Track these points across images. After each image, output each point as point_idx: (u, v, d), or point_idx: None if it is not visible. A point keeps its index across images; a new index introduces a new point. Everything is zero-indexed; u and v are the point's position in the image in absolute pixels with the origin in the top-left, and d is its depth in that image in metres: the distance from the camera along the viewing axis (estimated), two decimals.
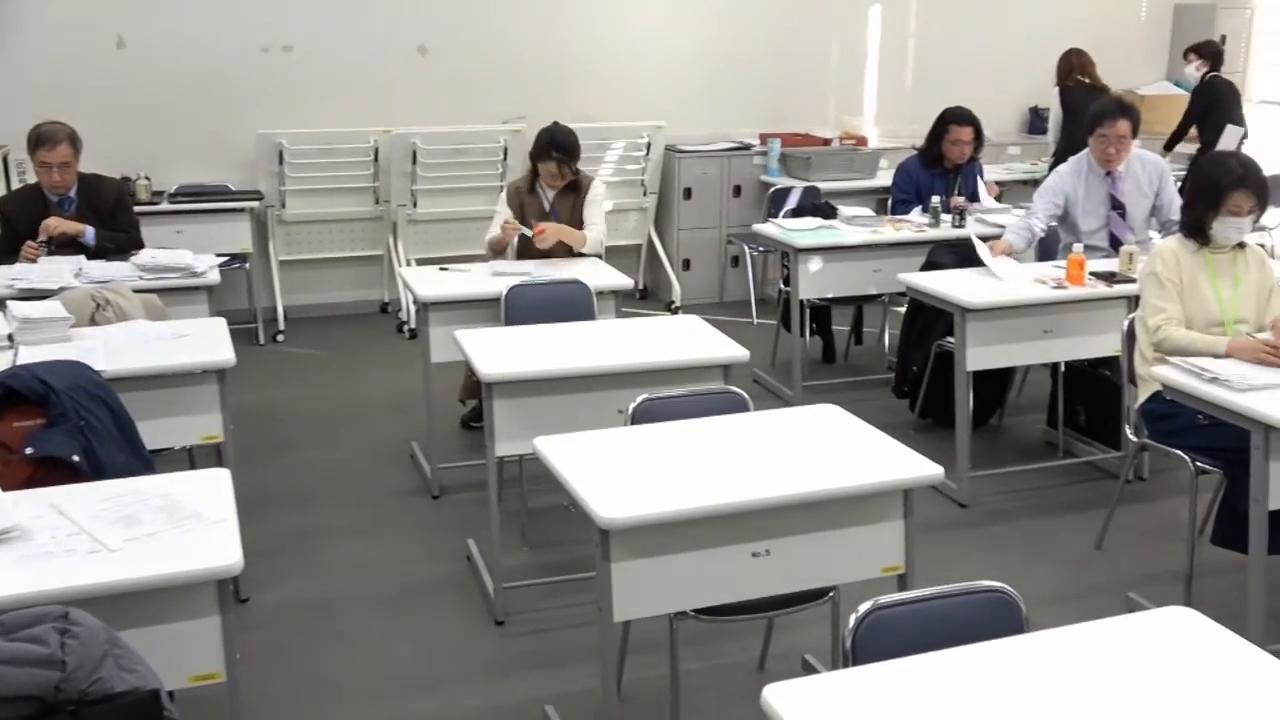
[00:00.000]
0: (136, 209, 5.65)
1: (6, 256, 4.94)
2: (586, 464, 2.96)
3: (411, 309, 6.92)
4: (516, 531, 4.44)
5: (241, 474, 3.58)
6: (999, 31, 8.70)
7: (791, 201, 6.97)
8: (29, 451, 2.95)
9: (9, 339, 3.85)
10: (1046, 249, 5.49)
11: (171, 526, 2.57)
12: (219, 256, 5.22)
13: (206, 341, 3.99)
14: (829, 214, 6.30)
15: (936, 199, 5.87)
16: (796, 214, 6.54)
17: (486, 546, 4.16)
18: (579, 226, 5.40)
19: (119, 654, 2.06)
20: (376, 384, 6.27)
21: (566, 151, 5.25)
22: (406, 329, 7.12)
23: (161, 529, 2.55)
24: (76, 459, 3.00)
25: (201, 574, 2.44)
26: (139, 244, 5.21)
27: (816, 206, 6.59)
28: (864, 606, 2.23)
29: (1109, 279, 4.82)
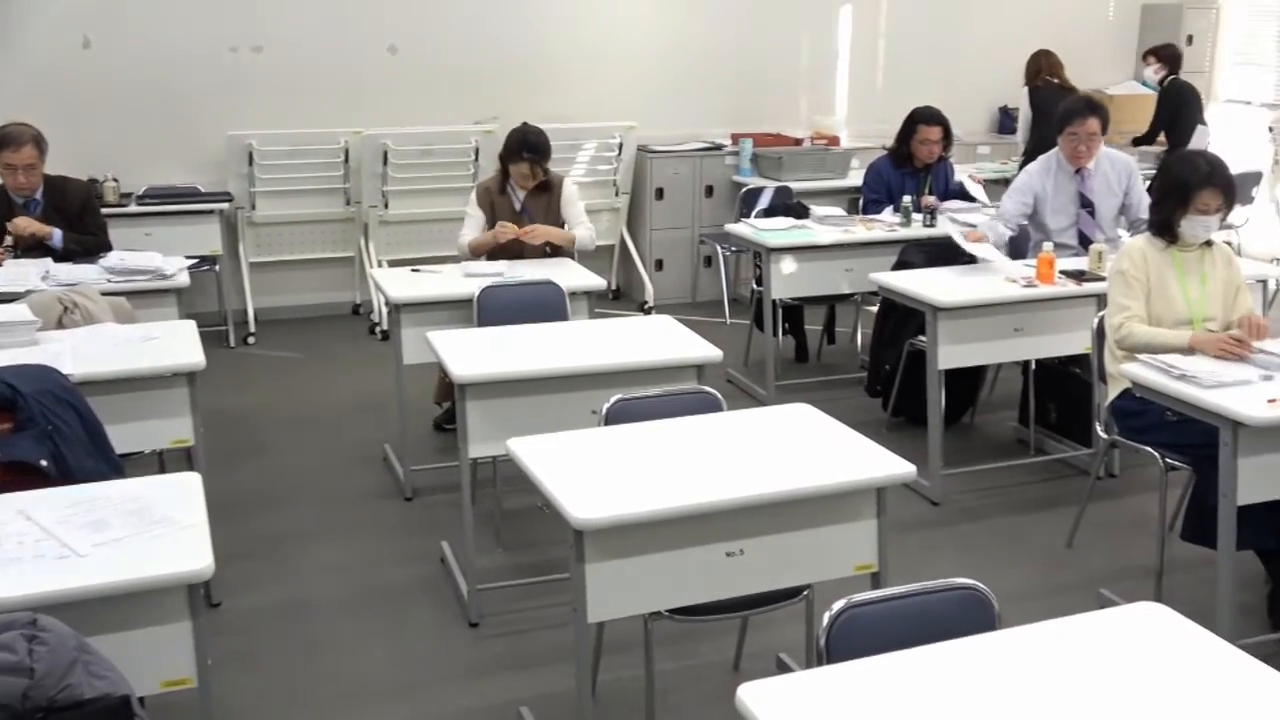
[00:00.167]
0: (104, 211, 5.61)
1: None
2: (560, 465, 2.96)
3: (383, 310, 6.90)
4: (490, 533, 4.43)
5: (212, 478, 3.55)
6: (969, 32, 8.74)
7: (763, 201, 6.98)
8: None
9: None
10: (1017, 248, 5.52)
11: (141, 531, 2.55)
12: (188, 258, 5.18)
13: (176, 344, 3.96)
14: (801, 214, 6.31)
15: (908, 198, 5.90)
16: (769, 214, 6.56)
17: (460, 548, 4.15)
18: (557, 225, 5.41)
19: (88, 660, 2.04)
20: (348, 386, 6.24)
21: (538, 152, 5.24)
22: (378, 331, 7.09)
23: (131, 534, 2.53)
24: (44, 464, 2.97)
25: (172, 579, 2.42)
26: (107, 246, 5.16)
27: (788, 206, 6.60)
28: (837, 605, 2.24)
29: (1079, 277, 4.85)
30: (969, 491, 4.93)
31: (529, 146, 5.23)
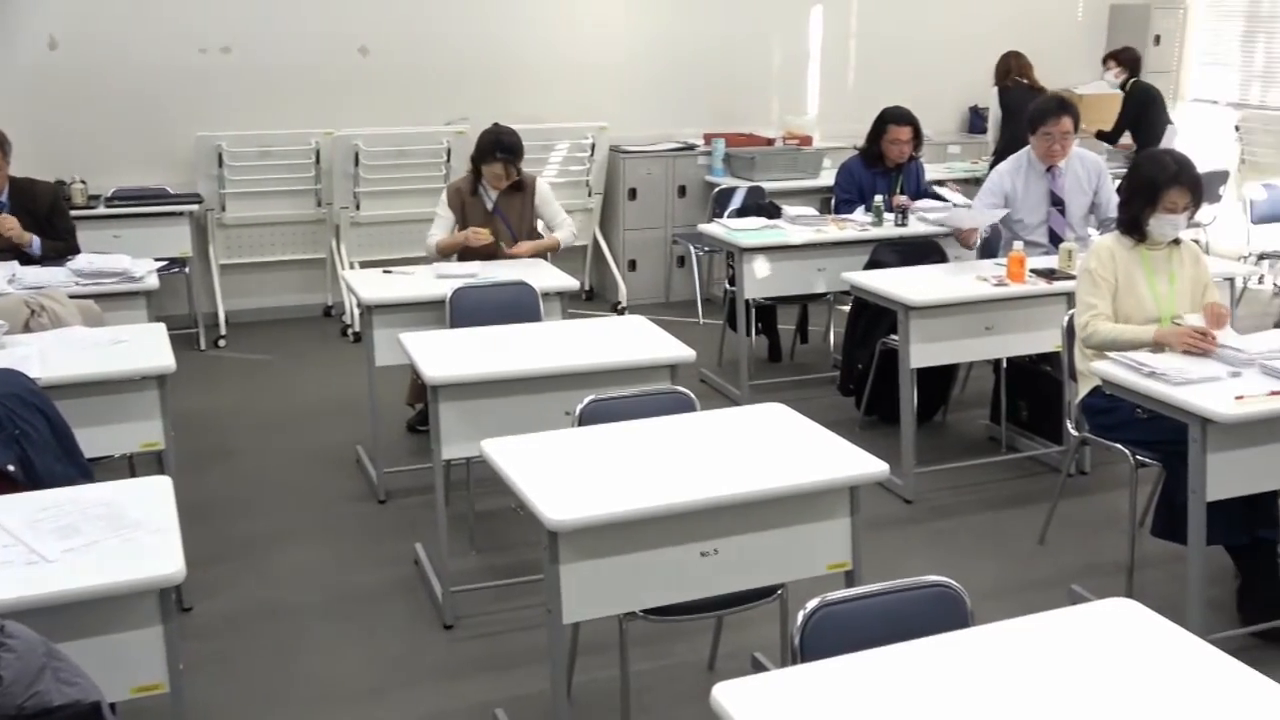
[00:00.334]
0: (72, 213, 5.55)
1: None
2: (534, 466, 2.96)
3: (355, 312, 6.87)
4: (464, 535, 4.42)
5: (183, 481, 3.52)
6: (939, 32, 8.79)
7: (736, 201, 7.00)
8: None
9: None
10: (989, 246, 5.55)
11: (111, 535, 2.53)
12: (158, 261, 5.15)
13: (145, 347, 3.93)
14: (773, 214, 6.33)
15: (879, 198, 5.92)
16: (741, 214, 6.57)
17: (434, 550, 4.14)
18: (527, 226, 5.42)
19: (58, 667, 2.02)
20: (320, 388, 6.21)
21: (511, 152, 5.23)
22: (350, 332, 7.06)
23: (101, 538, 2.51)
24: (12, 469, 2.94)
25: (143, 583, 2.41)
26: (76, 249, 5.12)
27: (761, 206, 6.62)
28: (811, 604, 2.24)
29: (1049, 276, 4.88)
30: (942, 489, 4.95)
31: (502, 147, 5.22)
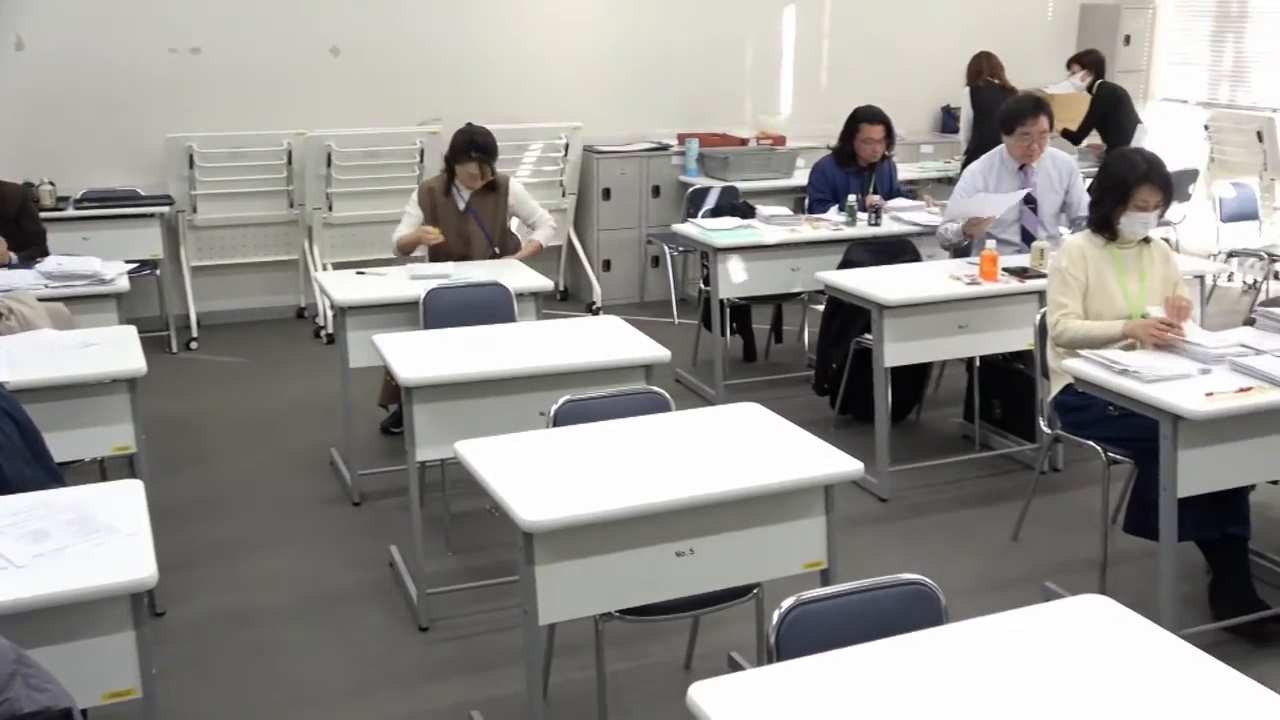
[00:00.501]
0: (41, 215, 5.50)
1: None
2: (509, 467, 2.95)
3: (328, 314, 6.83)
4: (439, 537, 4.40)
5: (156, 485, 3.50)
6: (911, 33, 8.82)
7: (710, 201, 7.01)
8: None
9: None
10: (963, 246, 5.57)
11: (82, 540, 2.50)
12: (128, 263, 5.11)
13: (116, 350, 3.90)
14: (747, 213, 6.34)
15: (852, 198, 5.94)
16: (715, 214, 6.58)
17: (409, 552, 4.12)
18: (501, 226, 5.41)
19: (28, 673, 2.00)
20: (294, 390, 6.18)
21: (486, 151, 5.22)
22: (323, 334, 7.02)
23: (72, 543, 2.49)
24: None
25: (114, 588, 2.39)
26: (45, 252, 5.07)
27: (735, 206, 6.63)
28: (787, 602, 2.25)
29: (1021, 274, 4.91)
30: (916, 487, 4.97)
31: (477, 146, 5.21)
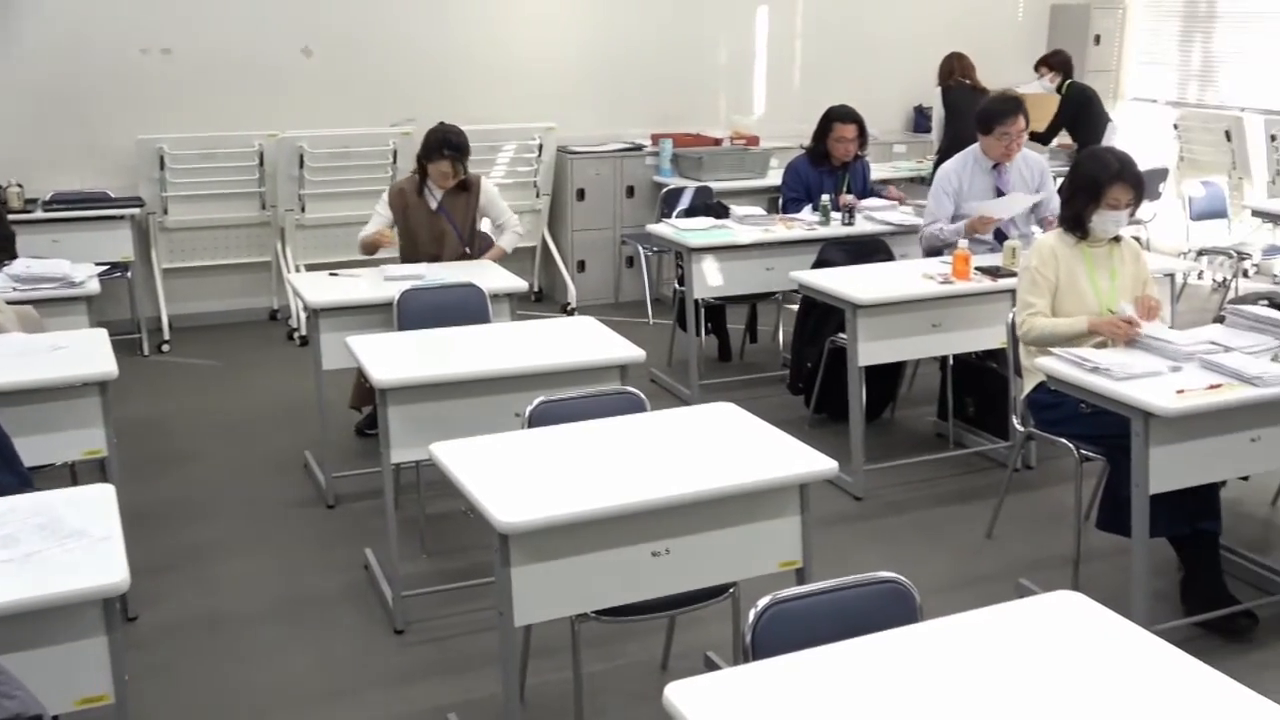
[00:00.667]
0: (9, 218, 5.45)
1: None
2: (484, 468, 2.94)
3: (301, 316, 6.80)
4: (414, 539, 4.39)
5: (128, 489, 3.49)
6: (883, 33, 8.86)
7: (684, 202, 7.01)
8: None
9: None
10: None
11: (53, 545, 2.48)
12: (98, 265, 5.07)
13: (86, 353, 3.87)
14: (721, 214, 6.35)
15: (826, 197, 5.96)
16: (689, 214, 6.58)
17: (384, 555, 4.10)
18: (473, 226, 5.39)
19: None
20: (267, 393, 6.15)
21: (458, 150, 5.21)
22: (297, 336, 6.99)
23: (42, 548, 2.47)
24: None
25: (86, 593, 2.37)
26: (13, 254, 5.03)
27: (709, 206, 6.64)
28: (762, 602, 2.25)
29: (994, 273, 4.94)
30: (891, 486, 4.99)
31: (449, 144, 5.20)
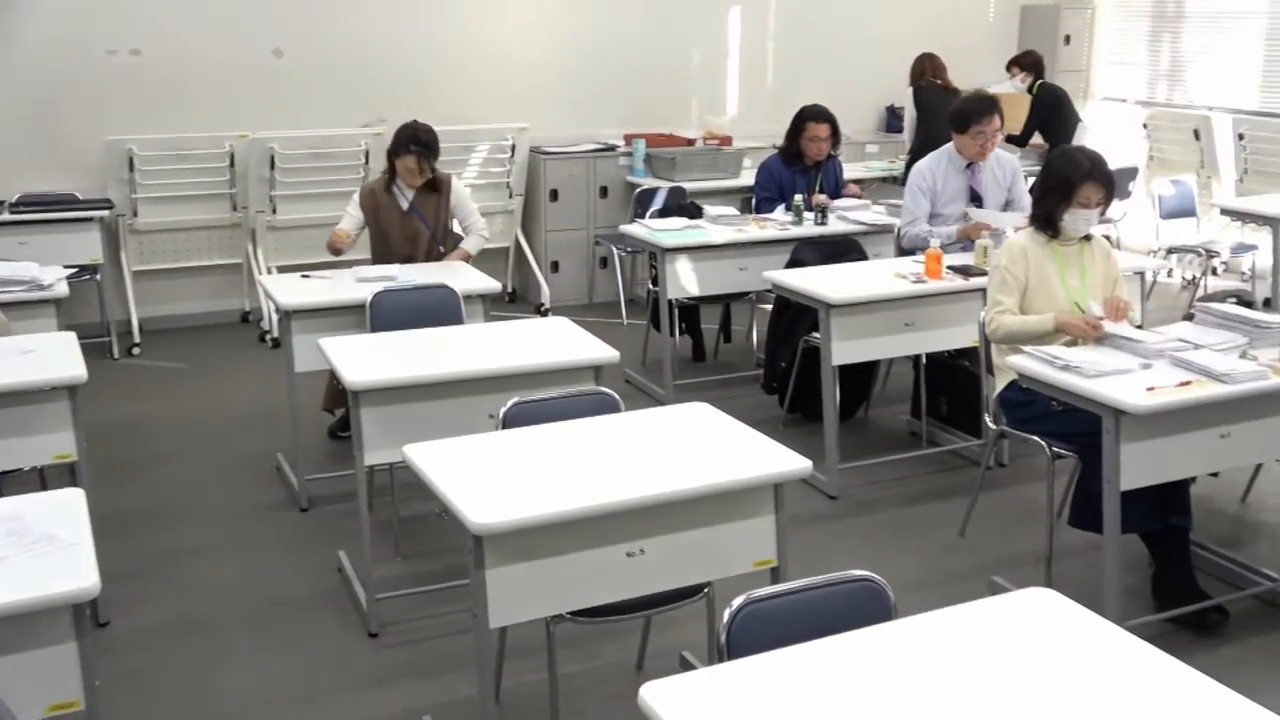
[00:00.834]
0: None
1: None
2: (458, 470, 2.93)
3: (273, 318, 6.77)
4: (388, 541, 4.37)
5: (98, 493, 3.45)
6: (855, 33, 8.89)
7: (658, 202, 7.01)
8: None
9: None
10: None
11: (22, 551, 2.46)
12: (67, 268, 5.02)
13: (55, 357, 3.83)
14: (695, 214, 6.35)
15: (799, 197, 5.97)
16: (663, 214, 6.59)
17: (358, 558, 4.09)
18: (445, 226, 5.38)
19: None
20: (239, 396, 6.11)
21: (425, 145, 5.19)
22: (269, 338, 6.95)
23: (11, 554, 2.45)
24: None
25: (56, 599, 2.34)
26: None
27: (682, 206, 6.64)
28: (737, 601, 2.25)
29: (965, 272, 4.96)
30: (865, 485, 5.00)
31: (417, 140, 5.18)
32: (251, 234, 7.25)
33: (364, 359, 3.89)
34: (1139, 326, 4.11)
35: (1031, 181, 4.52)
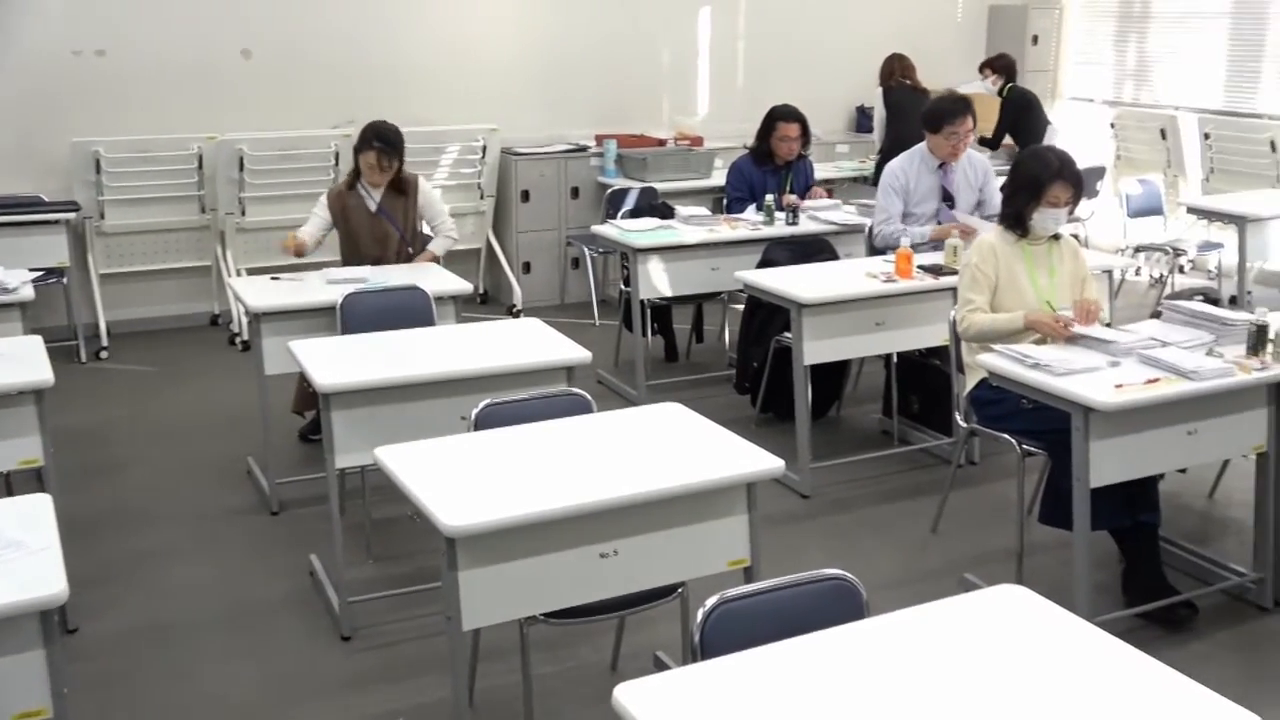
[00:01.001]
0: None
1: None
2: (430, 472, 2.93)
3: (243, 320, 6.72)
4: (361, 544, 4.35)
5: (66, 498, 3.43)
6: (825, 33, 8.91)
7: (629, 202, 7.01)
8: None
9: None
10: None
11: None
12: (33, 271, 4.97)
13: (21, 361, 3.79)
14: (666, 214, 6.35)
15: (770, 197, 5.99)
16: (634, 215, 6.59)
17: (330, 561, 4.07)
18: (414, 227, 5.35)
19: None
20: (209, 399, 6.07)
21: (387, 142, 5.16)
22: (238, 341, 6.90)
23: None
24: None
25: (23, 605, 2.32)
26: None
27: (654, 207, 6.64)
28: (710, 601, 2.25)
29: (936, 272, 4.99)
30: (837, 483, 5.02)
31: (379, 136, 5.15)
32: (220, 236, 7.20)
33: (335, 361, 3.87)
34: (1107, 325, 4.14)
35: (1002, 181, 4.55)
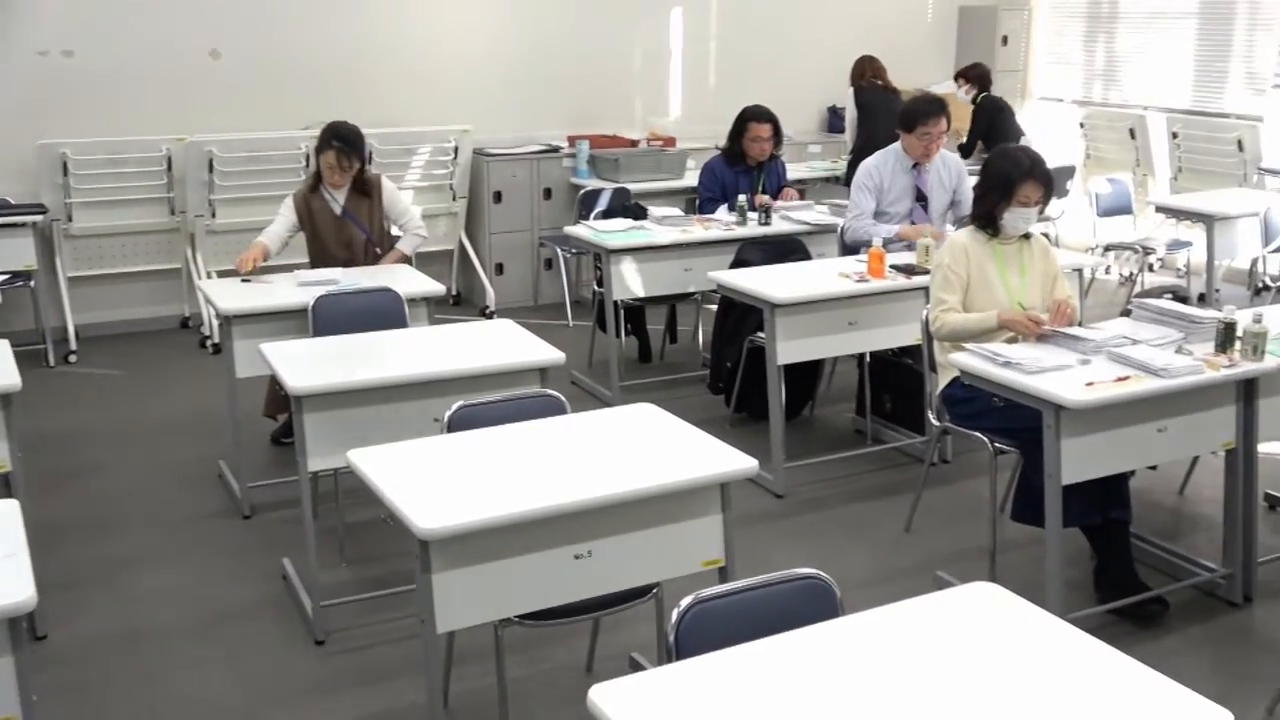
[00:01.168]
0: None
1: None
2: (403, 475, 2.91)
3: (214, 323, 6.68)
4: (334, 548, 4.32)
5: (34, 504, 3.40)
6: (796, 34, 8.94)
7: (602, 203, 7.01)
8: None
9: None
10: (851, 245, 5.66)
11: None
12: (0, 274, 4.92)
13: None
14: (639, 215, 6.35)
15: (742, 197, 5.99)
16: (607, 215, 6.58)
17: (303, 565, 4.04)
18: (380, 229, 5.32)
19: None
20: (179, 402, 6.02)
21: (346, 141, 5.11)
22: (209, 344, 6.85)
23: None
24: None
25: None
26: None
27: (627, 207, 6.64)
28: (685, 601, 2.25)
29: (908, 271, 5.01)
30: (811, 483, 5.03)
31: (337, 135, 5.11)
32: (190, 238, 7.14)
33: (306, 364, 3.85)
34: (1078, 323, 4.16)
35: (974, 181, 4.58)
